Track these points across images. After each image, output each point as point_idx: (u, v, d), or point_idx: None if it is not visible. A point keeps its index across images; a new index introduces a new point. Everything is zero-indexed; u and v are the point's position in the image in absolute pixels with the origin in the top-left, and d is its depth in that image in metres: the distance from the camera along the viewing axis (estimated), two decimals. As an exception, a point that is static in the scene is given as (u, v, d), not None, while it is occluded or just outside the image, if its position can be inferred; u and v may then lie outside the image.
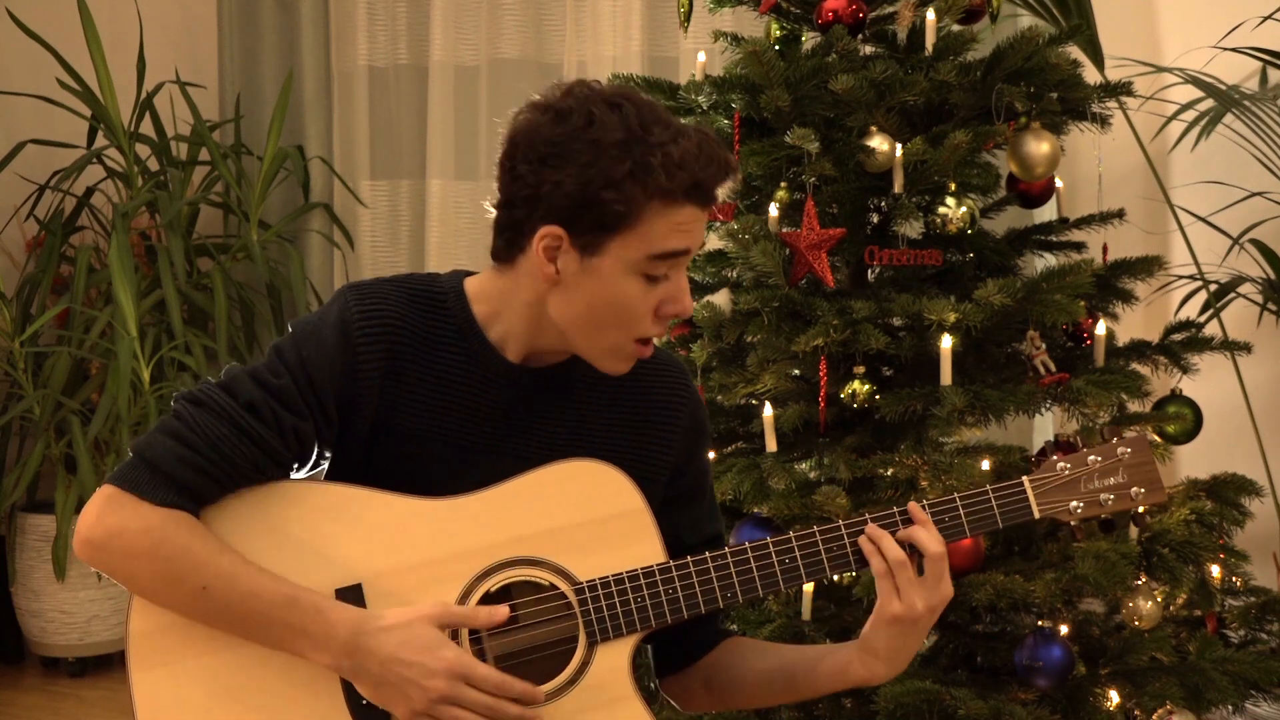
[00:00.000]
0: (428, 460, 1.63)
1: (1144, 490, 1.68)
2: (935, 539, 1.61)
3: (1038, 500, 1.66)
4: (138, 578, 1.54)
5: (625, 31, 4.33)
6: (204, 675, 1.55)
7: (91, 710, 3.95)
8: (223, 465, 1.54)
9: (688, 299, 1.60)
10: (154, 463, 1.53)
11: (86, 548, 1.54)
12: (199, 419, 1.55)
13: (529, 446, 1.66)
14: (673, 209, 1.54)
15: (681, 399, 1.75)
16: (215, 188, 4.60)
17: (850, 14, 2.82)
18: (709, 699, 1.79)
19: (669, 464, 1.73)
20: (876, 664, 1.63)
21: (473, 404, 1.64)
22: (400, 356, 1.61)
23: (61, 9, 4.24)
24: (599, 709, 1.58)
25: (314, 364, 1.58)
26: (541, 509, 1.60)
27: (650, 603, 1.59)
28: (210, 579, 1.52)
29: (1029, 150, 2.79)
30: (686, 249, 1.58)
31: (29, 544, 4.13)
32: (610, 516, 1.62)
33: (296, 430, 1.57)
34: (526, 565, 1.59)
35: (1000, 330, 2.73)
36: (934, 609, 1.60)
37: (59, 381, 4.08)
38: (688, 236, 1.57)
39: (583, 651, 1.58)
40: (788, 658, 1.74)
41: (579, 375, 1.69)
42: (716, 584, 1.61)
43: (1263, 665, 2.67)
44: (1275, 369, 3.58)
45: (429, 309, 1.64)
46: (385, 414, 1.61)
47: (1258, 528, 2.98)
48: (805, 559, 1.63)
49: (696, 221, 1.58)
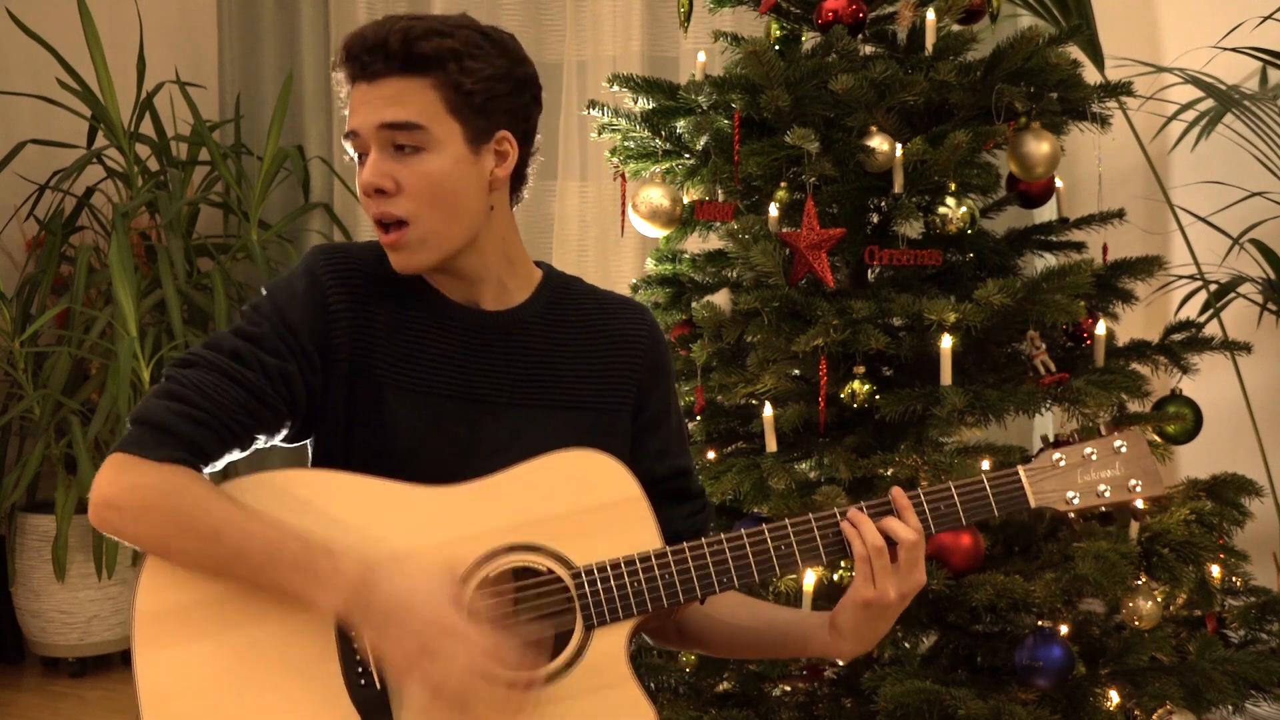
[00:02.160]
0: (402, 409, 1.66)
1: (1141, 483, 1.68)
2: (910, 527, 1.63)
3: (1033, 489, 1.67)
4: (151, 532, 1.56)
5: (625, 31, 4.33)
6: (206, 657, 1.56)
7: (91, 710, 3.95)
8: (216, 413, 1.58)
9: (364, 174, 1.63)
10: (152, 422, 1.57)
11: (101, 509, 1.57)
12: (187, 375, 1.60)
13: (496, 390, 1.69)
14: (349, 89, 1.64)
15: (640, 333, 1.79)
16: (215, 188, 4.60)
17: (850, 14, 2.82)
18: (679, 640, 1.84)
19: (631, 396, 1.76)
20: (842, 642, 1.67)
21: (439, 352, 1.68)
22: (367, 305, 1.67)
23: (61, 9, 4.24)
24: (596, 693, 1.59)
25: (288, 310, 1.64)
26: (540, 496, 1.62)
27: (647, 588, 1.61)
28: (221, 523, 1.54)
29: (1029, 150, 2.79)
30: (353, 129, 1.63)
31: (29, 544, 4.13)
32: (607, 504, 1.64)
33: (282, 371, 1.62)
34: (524, 551, 1.61)
35: (1000, 330, 2.73)
36: (905, 596, 1.63)
37: (59, 381, 4.09)
38: (354, 117, 1.63)
39: (579, 636, 1.60)
40: (760, 619, 1.78)
41: (536, 316, 1.73)
42: (712, 569, 1.63)
43: (1263, 665, 2.67)
44: (1275, 369, 3.58)
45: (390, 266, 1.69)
46: (360, 361, 1.66)
47: (1258, 528, 2.99)
48: (800, 544, 1.64)
49: (359, 99, 1.63)
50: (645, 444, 1.78)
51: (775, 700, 2.67)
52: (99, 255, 4.27)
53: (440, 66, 1.60)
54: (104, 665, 4.27)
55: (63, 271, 4.31)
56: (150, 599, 1.58)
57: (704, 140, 2.93)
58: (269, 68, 4.74)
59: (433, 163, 1.61)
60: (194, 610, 1.57)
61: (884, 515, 1.64)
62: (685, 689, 2.67)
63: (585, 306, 1.77)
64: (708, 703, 2.66)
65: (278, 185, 4.58)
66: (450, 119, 1.61)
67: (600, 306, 1.78)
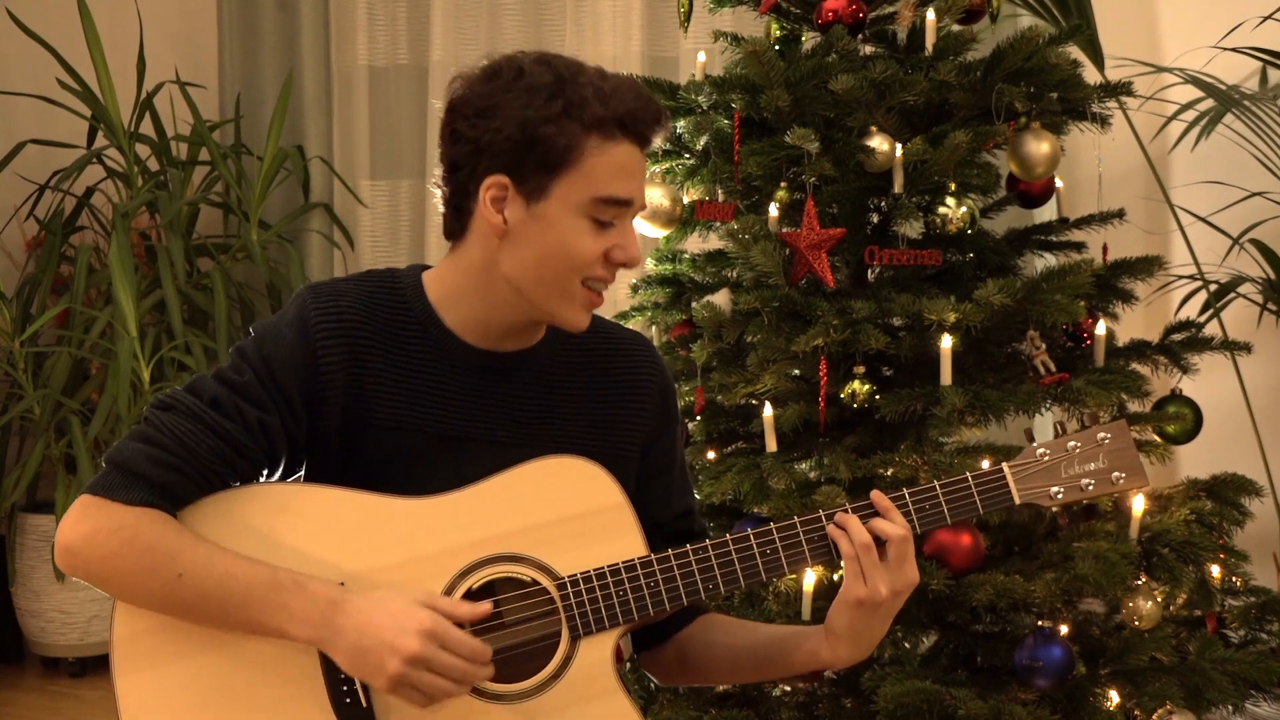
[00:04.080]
0: (402, 452, 1.64)
1: (1124, 475, 1.67)
2: (897, 525, 1.62)
3: (1018, 486, 1.66)
4: (115, 576, 1.55)
5: (625, 31, 4.33)
6: (187, 678, 1.55)
7: (91, 710, 3.95)
8: (190, 460, 1.56)
9: (636, 248, 1.61)
10: (124, 465, 1.55)
11: (65, 555, 1.56)
12: (165, 420, 1.57)
13: (500, 430, 1.67)
14: (610, 145, 1.57)
15: (649, 374, 1.77)
16: (215, 188, 4.60)
17: (850, 14, 2.82)
18: (683, 674, 1.82)
19: (640, 440, 1.75)
20: (840, 646, 1.65)
21: (441, 392, 1.65)
22: (362, 351, 1.63)
23: (61, 9, 4.24)
24: (584, 703, 1.58)
25: (275, 360, 1.60)
26: (522, 506, 1.61)
27: (632, 596, 1.60)
28: (185, 566, 1.53)
29: (1029, 150, 2.79)
30: (630, 199, 1.59)
31: (29, 544, 4.13)
32: (591, 511, 1.62)
33: (262, 423, 1.59)
34: (508, 562, 1.60)
35: (1000, 330, 2.73)
36: (898, 593, 1.61)
37: (59, 381, 4.08)
38: (630, 183, 1.59)
39: (566, 646, 1.59)
40: (758, 637, 1.76)
41: (544, 357, 1.71)
42: (698, 575, 1.62)
43: (1263, 665, 2.67)
44: (1275, 369, 3.58)
45: (388, 303, 1.66)
46: (355, 409, 1.63)
47: (1258, 528, 2.98)
48: (786, 549, 1.63)
49: (636, 164, 1.60)
50: (650, 489, 1.76)
51: (775, 700, 2.67)
52: (99, 255, 4.27)
53: None
54: (104, 665, 4.22)
55: (63, 271, 4.30)
56: (127, 624, 1.57)
57: (704, 140, 2.93)
58: (269, 68, 4.73)
59: None
60: (172, 632, 1.56)
61: (870, 518, 1.63)
62: (685, 689, 2.67)
63: (595, 346, 1.74)
64: (708, 703, 2.65)
65: (278, 185, 4.58)
66: None
67: (608, 344, 1.75)
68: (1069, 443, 1.68)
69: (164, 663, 1.55)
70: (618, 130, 1.57)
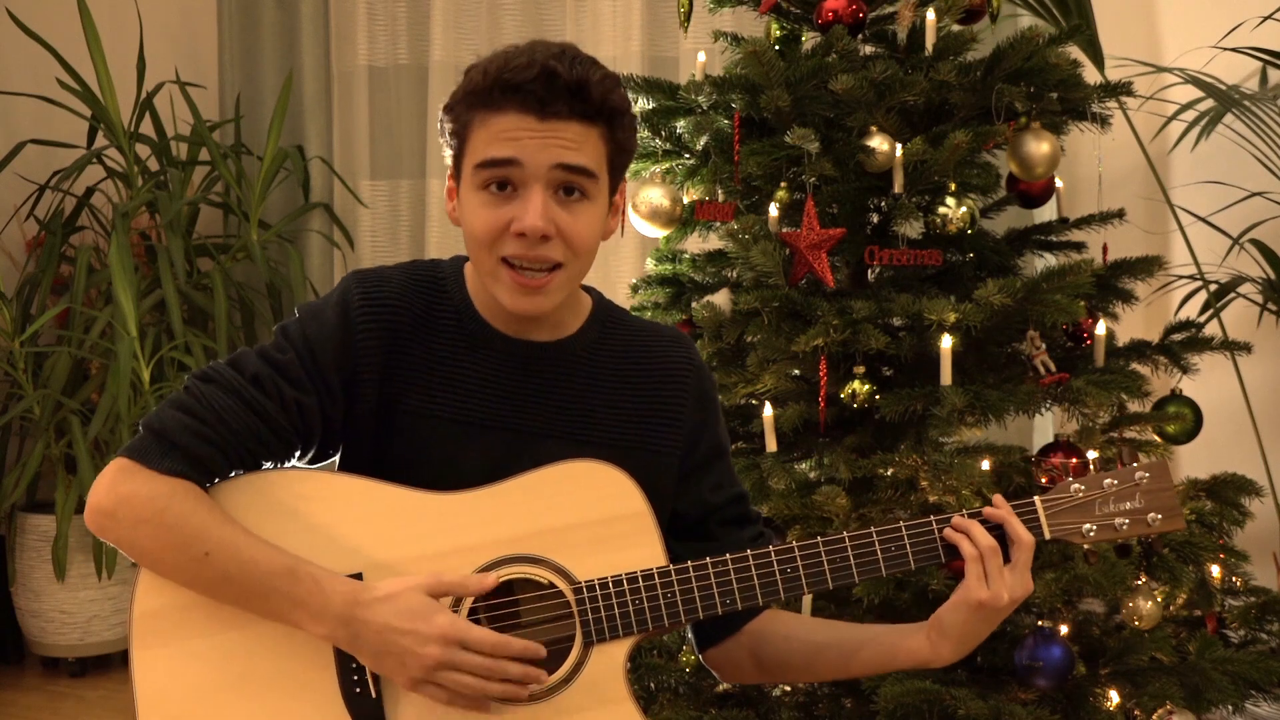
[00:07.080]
0: (434, 438, 1.65)
1: (1161, 517, 1.65)
2: (1025, 529, 1.62)
3: (1049, 522, 1.65)
4: (143, 544, 1.56)
5: (625, 31, 4.34)
6: (202, 657, 1.57)
7: (91, 710, 3.95)
8: (226, 435, 1.58)
9: (534, 216, 1.56)
10: (161, 433, 1.57)
11: (98, 516, 1.57)
12: (205, 392, 1.59)
13: (533, 422, 1.67)
14: (491, 114, 1.57)
15: (685, 368, 1.76)
16: (215, 188, 4.60)
17: (850, 14, 2.82)
18: (758, 672, 1.80)
19: (680, 438, 1.74)
20: (945, 644, 1.64)
21: (476, 381, 1.67)
22: (400, 337, 1.65)
23: (61, 9, 4.24)
24: (592, 709, 1.58)
25: (316, 341, 1.63)
26: (544, 508, 1.61)
27: (648, 605, 1.60)
28: (213, 545, 1.54)
29: (1029, 150, 2.79)
30: (510, 158, 1.56)
31: (29, 544, 4.13)
32: (612, 517, 1.62)
33: (299, 403, 1.61)
34: (526, 563, 1.60)
35: (1000, 330, 2.73)
36: (1015, 601, 1.62)
37: (59, 381, 4.08)
38: (513, 145, 1.56)
39: (578, 651, 1.59)
40: (843, 632, 1.75)
41: (579, 348, 1.71)
42: (716, 589, 1.62)
43: (1263, 665, 2.67)
44: (1275, 369, 3.58)
45: (430, 292, 1.68)
46: (390, 393, 1.64)
47: (1258, 528, 2.99)
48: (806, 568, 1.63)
49: (523, 129, 1.56)
50: (701, 479, 1.76)
51: (775, 700, 2.67)
52: (99, 255, 4.27)
53: (614, 120, 1.60)
54: (104, 665, 4.27)
55: (63, 271, 4.30)
56: (149, 599, 1.58)
57: (704, 140, 2.93)
58: (269, 68, 4.74)
59: (593, 212, 1.61)
60: (191, 610, 1.57)
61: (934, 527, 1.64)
62: (685, 689, 2.67)
63: (631, 341, 1.75)
64: (708, 702, 2.65)
65: (278, 185, 4.58)
66: (605, 172, 1.61)
67: (645, 342, 1.76)
68: (1105, 480, 1.65)
69: (182, 640, 1.57)
70: (498, 96, 1.56)
